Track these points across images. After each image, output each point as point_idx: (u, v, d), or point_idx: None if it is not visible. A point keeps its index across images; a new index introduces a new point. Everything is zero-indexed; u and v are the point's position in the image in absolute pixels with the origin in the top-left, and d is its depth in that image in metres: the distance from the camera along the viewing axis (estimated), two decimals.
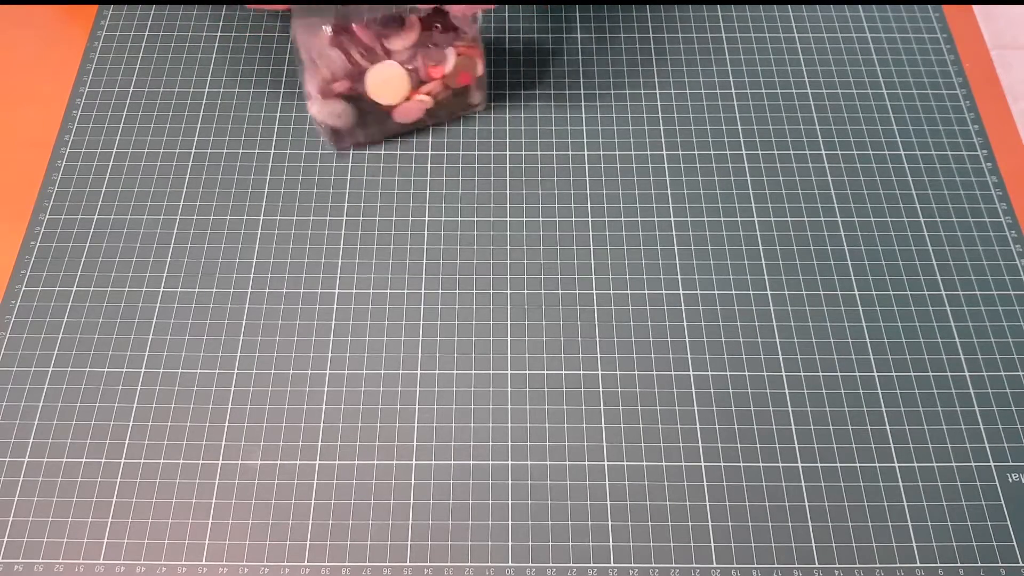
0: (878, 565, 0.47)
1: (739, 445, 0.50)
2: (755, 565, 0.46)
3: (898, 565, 0.47)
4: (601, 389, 0.52)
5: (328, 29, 0.53)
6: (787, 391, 0.52)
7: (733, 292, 0.55)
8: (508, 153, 0.60)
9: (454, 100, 0.59)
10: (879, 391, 0.52)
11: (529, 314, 0.54)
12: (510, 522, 0.48)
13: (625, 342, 0.53)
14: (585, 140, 0.61)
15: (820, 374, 0.52)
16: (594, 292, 0.55)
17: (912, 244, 0.57)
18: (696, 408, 0.51)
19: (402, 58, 0.55)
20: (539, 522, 0.48)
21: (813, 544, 0.47)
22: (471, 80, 0.58)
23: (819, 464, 0.49)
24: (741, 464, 0.49)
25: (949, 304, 0.55)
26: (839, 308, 0.54)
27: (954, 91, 0.64)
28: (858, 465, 0.49)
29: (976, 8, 0.69)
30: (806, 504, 0.48)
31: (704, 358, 0.53)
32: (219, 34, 0.66)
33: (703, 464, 0.49)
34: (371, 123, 0.58)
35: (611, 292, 0.55)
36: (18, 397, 0.51)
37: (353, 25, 0.53)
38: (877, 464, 0.49)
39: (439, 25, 0.55)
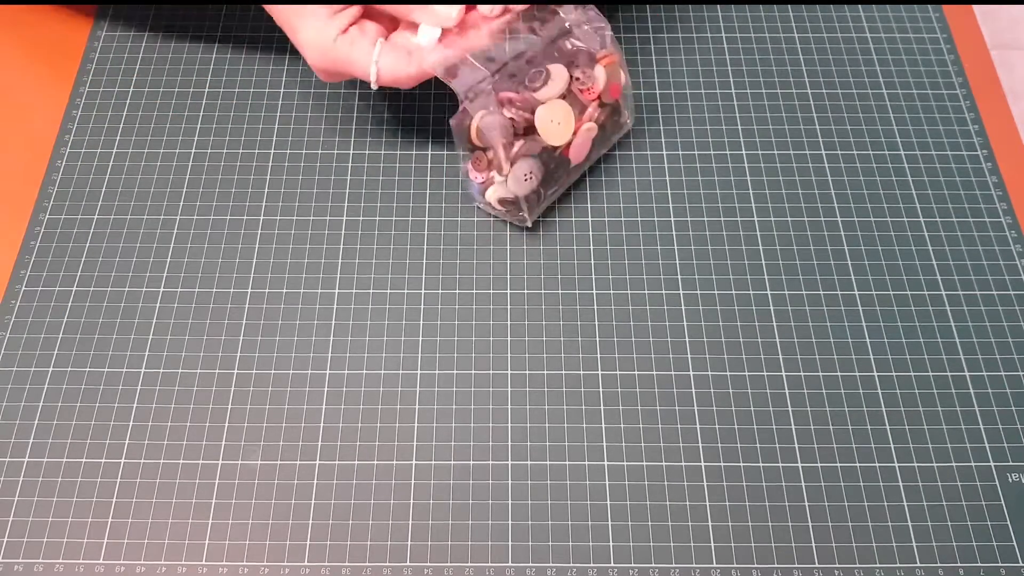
0: (878, 565, 0.46)
1: (739, 445, 0.50)
2: (755, 565, 0.46)
3: (898, 565, 0.47)
4: (601, 389, 0.52)
5: (492, 96, 0.52)
6: (787, 391, 0.52)
7: (733, 292, 0.55)
8: None
9: (610, 122, 0.57)
10: (879, 391, 0.52)
11: (529, 314, 0.54)
12: (510, 522, 0.48)
13: (625, 342, 0.53)
14: None
15: (820, 374, 0.52)
16: (594, 292, 0.55)
17: (912, 244, 0.57)
18: (696, 408, 0.51)
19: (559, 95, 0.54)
20: (539, 522, 0.48)
21: (813, 544, 0.47)
22: (620, 91, 0.57)
23: (819, 464, 0.49)
24: (741, 464, 0.49)
25: (949, 304, 0.55)
26: (839, 308, 0.54)
27: (954, 91, 0.64)
28: (858, 465, 0.49)
29: (976, 8, 0.69)
30: (806, 504, 0.48)
31: (704, 358, 0.53)
32: (219, 34, 0.66)
33: (703, 464, 0.49)
34: (553, 177, 0.56)
35: (611, 292, 0.55)
36: (18, 397, 0.51)
37: (503, 95, 0.52)
38: (877, 464, 0.49)
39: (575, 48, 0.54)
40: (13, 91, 0.64)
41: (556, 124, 0.54)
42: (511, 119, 0.53)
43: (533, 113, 0.53)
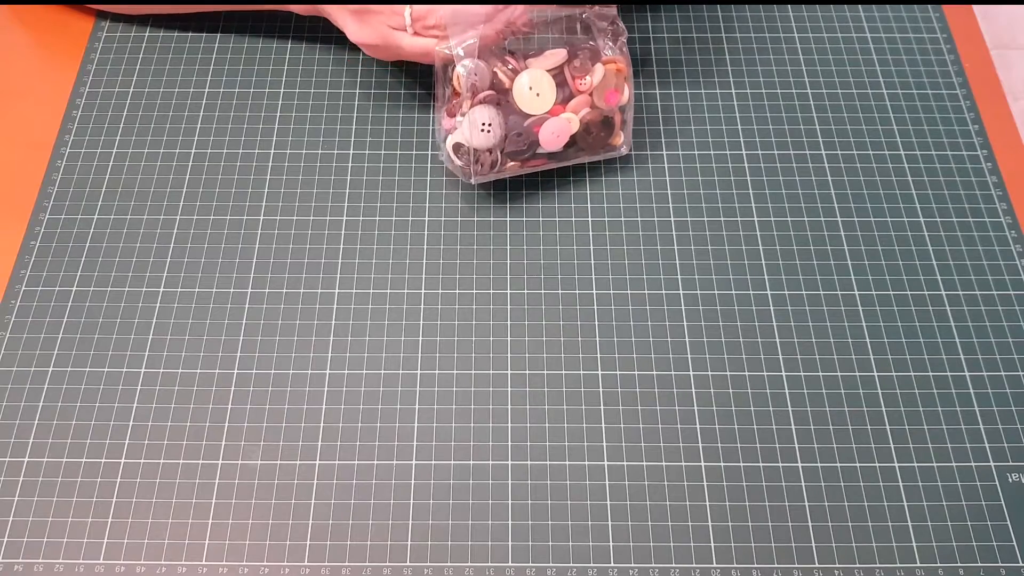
0: (878, 565, 0.46)
1: (739, 445, 0.50)
2: (755, 565, 0.46)
3: (898, 565, 0.47)
4: (601, 389, 0.52)
5: (476, 41, 0.53)
6: (787, 391, 0.52)
7: (733, 292, 0.55)
8: None
9: (599, 131, 0.57)
10: (879, 391, 0.52)
11: (529, 314, 0.54)
12: (510, 522, 0.48)
13: (625, 342, 0.53)
14: None
15: (820, 374, 0.52)
16: (594, 292, 0.55)
17: (912, 244, 0.57)
18: (696, 408, 0.51)
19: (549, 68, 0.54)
20: (539, 522, 0.48)
21: (813, 544, 0.47)
22: (618, 101, 0.56)
23: (819, 464, 0.49)
24: (741, 464, 0.49)
25: (949, 304, 0.55)
26: (839, 308, 0.54)
27: (954, 91, 0.64)
28: (858, 465, 0.49)
29: (976, 8, 0.69)
30: (806, 504, 0.48)
31: (704, 358, 0.53)
32: (219, 34, 0.66)
33: (703, 464, 0.49)
34: (516, 148, 0.55)
35: (611, 292, 0.55)
36: (18, 397, 0.51)
37: (508, 55, 0.54)
38: (877, 464, 0.49)
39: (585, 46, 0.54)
40: (14, 91, 0.64)
41: (535, 94, 0.54)
42: (495, 72, 0.54)
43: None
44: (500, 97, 0.54)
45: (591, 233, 0.57)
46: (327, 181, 0.59)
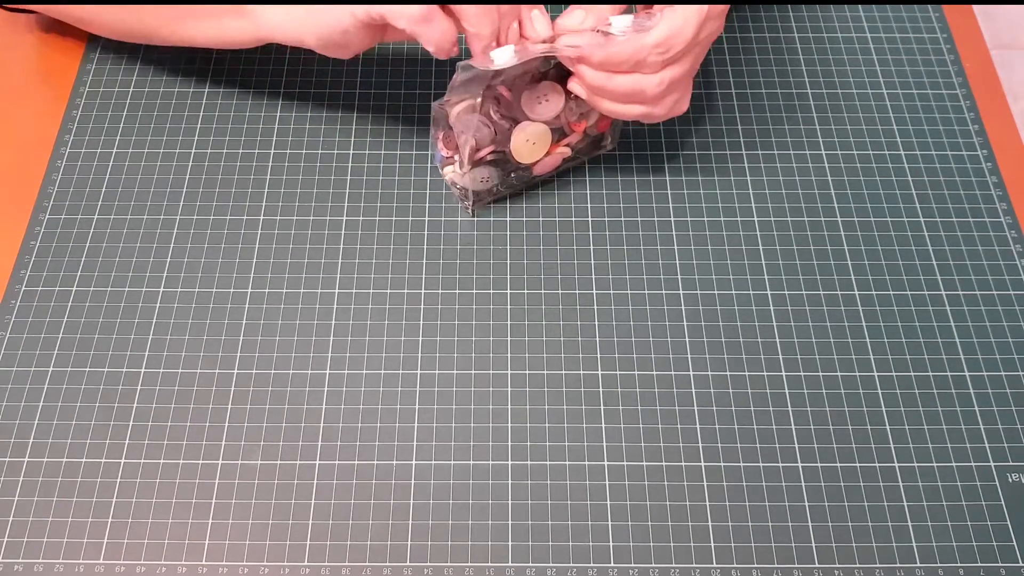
0: (878, 565, 0.46)
1: (739, 445, 0.50)
2: (755, 565, 0.46)
3: (898, 565, 0.46)
4: (601, 389, 0.52)
5: (478, 100, 0.51)
6: (787, 391, 0.52)
7: (733, 292, 0.55)
8: None
9: (588, 145, 0.58)
10: (879, 391, 0.52)
11: (529, 314, 0.54)
12: (510, 522, 0.48)
13: (625, 342, 0.53)
14: None
15: (820, 374, 0.52)
16: (594, 292, 0.55)
17: (912, 244, 0.57)
18: (696, 408, 0.51)
19: (547, 120, 0.54)
20: (539, 522, 0.48)
21: (813, 544, 0.47)
22: (610, 125, 0.57)
23: (819, 464, 0.49)
24: (741, 464, 0.49)
25: (949, 304, 0.55)
26: (839, 308, 0.54)
27: (954, 91, 0.64)
28: (858, 465, 0.49)
29: (976, 8, 0.70)
30: (806, 504, 0.48)
31: (704, 358, 0.53)
32: None
33: (703, 464, 0.49)
34: (511, 181, 0.57)
35: (611, 292, 0.55)
36: (18, 397, 0.51)
37: (499, 89, 0.52)
38: (877, 464, 0.49)
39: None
40: (14, 91, 0.64)
41: (531, 144, 0.54)
42: (488, 117, 0.53)
43: (513, 123, 0.53)
44: (498, 153, 0.54)
45: (591, 233, 0.57)
46: (327, 181, 0.59)
